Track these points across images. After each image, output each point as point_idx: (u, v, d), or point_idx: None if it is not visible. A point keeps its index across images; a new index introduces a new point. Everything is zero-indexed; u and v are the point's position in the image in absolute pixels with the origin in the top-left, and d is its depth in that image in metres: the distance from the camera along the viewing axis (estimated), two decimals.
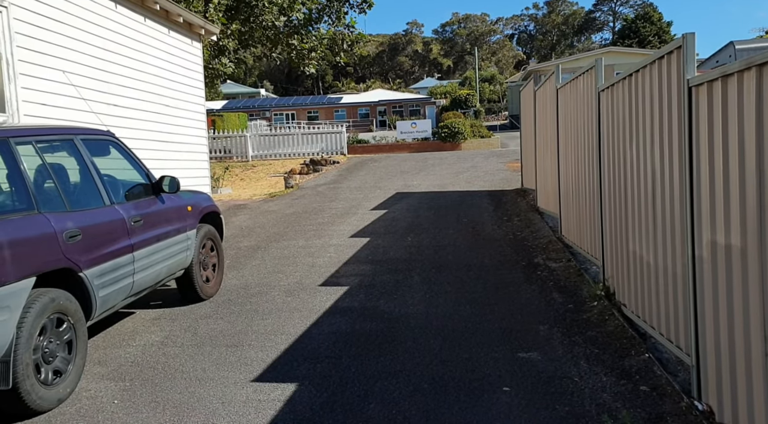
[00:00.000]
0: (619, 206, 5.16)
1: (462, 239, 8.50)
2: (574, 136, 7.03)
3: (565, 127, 7.58)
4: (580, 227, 6.94)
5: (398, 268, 7.06)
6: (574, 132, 6.99)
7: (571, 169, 7.26)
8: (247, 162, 20.90)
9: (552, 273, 6.58)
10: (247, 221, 10.64)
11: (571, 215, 7.42)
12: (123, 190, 5.24)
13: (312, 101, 65.77)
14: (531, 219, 9.52)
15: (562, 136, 7.81)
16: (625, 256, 5.05)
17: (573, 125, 7.04)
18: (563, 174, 7.78)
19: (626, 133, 4.92)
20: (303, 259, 7.69)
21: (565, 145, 7.59)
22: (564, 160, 7.68)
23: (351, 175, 16.39)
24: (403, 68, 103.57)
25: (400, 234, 8.92)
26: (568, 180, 7.50)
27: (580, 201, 6.84)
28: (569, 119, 7.28)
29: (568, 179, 7.49)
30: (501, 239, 8.34)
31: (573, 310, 5.37)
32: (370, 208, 11.23)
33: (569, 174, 7.38)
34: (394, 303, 5.77)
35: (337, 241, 8.63)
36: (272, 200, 13.02)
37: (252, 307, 5.84)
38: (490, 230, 9.00)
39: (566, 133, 7.50)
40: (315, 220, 10.36)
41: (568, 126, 7.37)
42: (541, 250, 7.64)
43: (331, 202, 12.13)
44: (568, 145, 7.35)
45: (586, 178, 6.48)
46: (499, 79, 75.11)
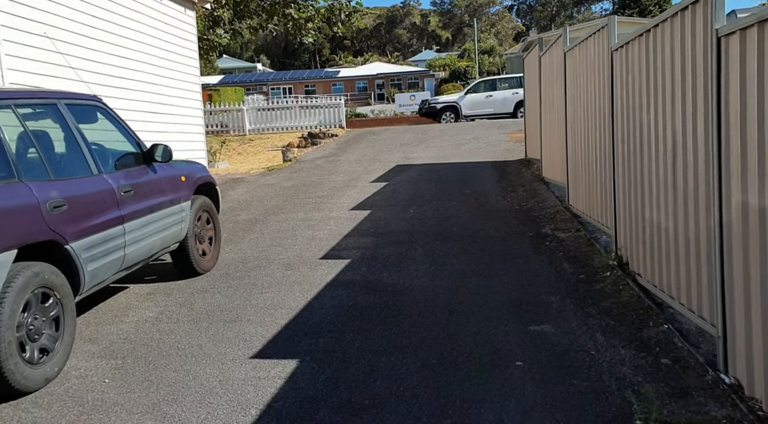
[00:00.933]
0: (635, 172, 4.90)
1: (466, 210, 8.25)
2: (584, 101, 6.74)
3: (573, 93, 7.28)
4: (589, 195, 6.69)
5: (401, 240, 6.83)
6: (584, 97, 6.69)
7: (580, 137, 6.98)
8: (244, 136, 20.54)
9: (561, 243, 6.35)
10: (244, 194, 10.38)
11: (579, 184, 7.17)
12: (112, 159, 4.98)
13: (309, 75, 64.97)
14: (536, 189, 9.27)
15: (570, 102, 7.51)
16: (640, 223, 4.81)
17: (583, 90, 6.74)
18: (571, 142, 7.50)
19: (643, 94, 4.64)
20: (302, 232, 7.46)
21: (573, 112, 7.30)
22: (572, 127, 7.40)
23: (350, 148, 16.09)
24: (401, 41, 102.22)
25: (402, 206, 8.67)
26: (576, 148, 7.22)
27: (590, 169, 6.57)
28: (579, 83, 6.98)
29: (576, 147, 7.22)
30: (506, 210, 8.10)
31: (585, 280, 5.16)
32: (370, 181, 10.97)
33: (578, 141, 7.10)
34: (398, 276, 5.55)
35: (337, 214, 8.39)
36: (270, 174, 12.74)
37: (250, 281, 5.62)
38: (494, 200, 8.75)
39: (575, 98, 7.20)
40: (314, 193, 10.10)
41: (577, 91, 7.07)
42: (549, 220, 7.40)
43: (330, 175, 11.86)
44: (578, 111, 7.06)
45: (597, 145, 6.21)
46: (499, 50, 74.12)
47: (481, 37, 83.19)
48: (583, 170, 6.94)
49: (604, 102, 5.83)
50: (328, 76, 63.40)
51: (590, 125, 6.47)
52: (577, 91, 7.06)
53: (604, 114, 5.83)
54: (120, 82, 9.13)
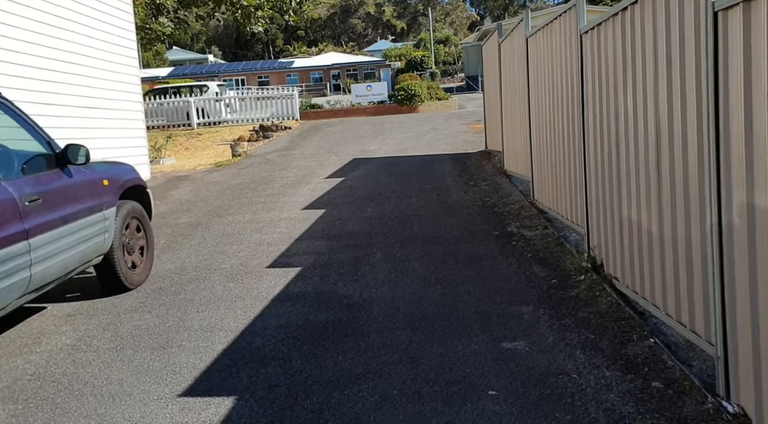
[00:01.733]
0: (609, 165, 4.47)
1: (427, 207, 7.75)
2: (549, 89, 6.29)
3: (537, 80, 6.83)
4: (556, 190, 6.26)
5: (358, 243, 6.28)
6: (550, 84, 6.25)
7: (545, 127, 6.55)
8: (192, 130, 19.59)
9: (528, 243, 5.91)
10: (188, 193, 9.64)
11: (545, 178, 6.74)
12: (16, 163, 4.26)
13: (262, 66, 63.57)
14: (499, 183, 8.84)
15: (533, 90, 7.07)
16: (618, 223, 4.38)
17: (548, 77, 6.30)
18: (536, 132, 7.07)
19: (619, 79, 4.19)
20: (249, 236, 6.82)
21: (537, 100, 6.86)
22: (537, 117, 6.96)
23: (304, 141, 15.42)
24: (355, 31, 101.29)
25: (359, 204, 8.11)
26: (541, 139, 6.79)
27: (557, 161, 6.14)
28: (543, 70, 6.53)
29: (541, 138, 6.79)
30: (469, 206, 7.63)
31: (557, 286, 4.71)
32: (325, 177, 10.37)
33: (543, 132, 6.67)
34: (354, 286, 4.99)
35: (288, 214, 7.77)
36: (218, 170, 11.99)
37: (187, 296, 4.98)
38: (456, 196, 8.27)
39: (539, 86, 6.76)
40: (264, 191, 9.44)
41: (541, 78, 6.63)
42: (514, 216, 6.97)
43: (282, 171, 11.19)
44: (542, 100, 6.62)
45: (565, 136, 5.78)
46: (454, 40, 74.14)
47: (436, 27, 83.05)
48: (548, 163, 6.51)
49: (572, 89, 5.39)
50: (282, 67, 62.12)
51: (557, 115, 6.03)
52: (542, 79, 6.62)
53: (573, 102, 5.39)
54: (38, 73, 8.26)
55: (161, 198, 9.11)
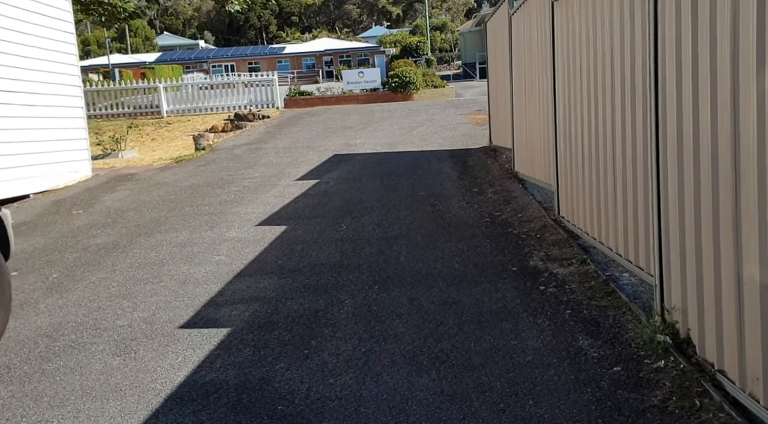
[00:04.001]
0: (714, 182, 2.68)
1: (419, 224, 5.95)
2: (589, 70, 4.49)
3: (569, 58, 5.03)
4: (599, 208, 4.47)
5: (321, 284, 4.48)
6: (591, 62, 4.45)
7: (582, 120, 4.74)
8: (161, 118, 17.67)
9: (563, 288, 4.13)
10: (122, 200, 7.80)
11: (579, 189, 4.94)
12: None
13: (253, 52, 61.50)
14: (510, 190, 7.05)
15: (562, 71, 5.27)
16: (725, 280, 2.60)
17: (588, 52, 4.49)
18: (564, 127, 5.27)
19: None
20: (175, 267, 5.01)
21: (569, 85, 5.06)
22: (567, 107, 5.16)
23: (281, 132, 13.56)
24: (350, 17, 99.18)
25: (332, 218, 6.31)
26: (574, 136, 4.99)
27: (601, 168, 4.34)
28: (578, 45, 4.73)
29: (574, 134, 4.98)
30: (474, 224, 5.84)
31: (625, 382, 2.92)
32: (297, 178, 8.55)
33: (577, 127, 4.87)
34: (303, 371, 3.20)
35: (237, 232, 5.96)
36: (174, 167, 10.15)
37: (38, 387, 3.17)
38: (457, 208, 6.47)
39: (572, 66, 4.96)
40: (217, 196, 7.61)
41: (575, 55, 4.82)
42: (535, 241, 5.18)
43: (246, 170, 9.36)
44: (576, 85, 4.81)
45: (618, 133, 3.98)
46: (451, 27, 72.19)
47: (433, 13, 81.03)
48: (585, 170, 4.72)
49: (634, 66, 3.59)
50: (273, 53, 60.07)
51: (604, 105, 4.23)
52: (576, 57, 4.81)
53: (636, 87, 3.60)
54: None
55: (87, 206, 7.29)
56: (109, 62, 43.84)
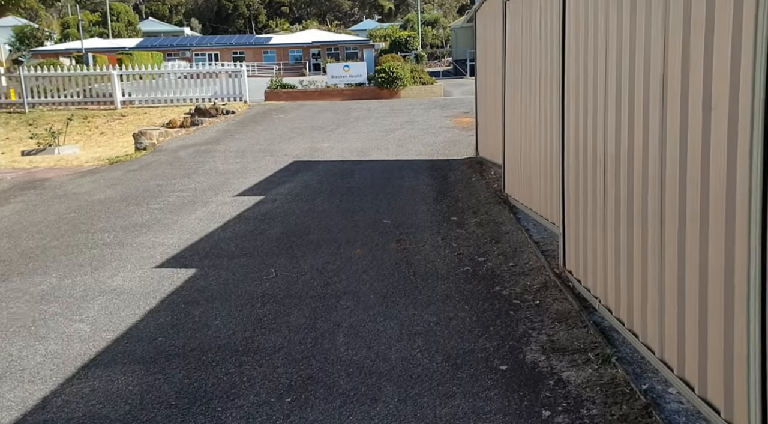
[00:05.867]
0: None
1: (375, 273, 4.39)
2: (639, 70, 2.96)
3: (589, 52, 3.50)
4: (630, 274, 2.94)
5: (205, 389, 2.91)
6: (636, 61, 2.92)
7: (605, 134, 3.21)
8: (114, 110, 15.95)
9: (578, 414, 2.60)
10: (5, 218, 6.15)
11: (597, 237, 3.41)
12: None
13: (238, 41, 59.68)
14: (499, 221, 5.51)
15: (573, 69, 3.74)
16: None
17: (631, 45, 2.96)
18: (576, 145, 3.73)
19: None
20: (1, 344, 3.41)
21: (587, 87, 3.52)
22: (581, 118, 3.62)
23: (241, 131, 11.94)
24: (342, 10, 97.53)
25: (262, 258, 4.73)
26: (589, 157, 3.45)
27: (649, 206, 2.82)
28: (602, 34, 3.19)
29: (589, 155, 3.45)
30: (449, 276, 4.28)
31: None
32: (238, 193, 6.96)
33: (597, 146, 3.33)
34: None
35: (125, 279, 4.36)
36: (101, 171, 8.51)
37: None
38: (429, 247, 4.91)
39: (593, 62, 3.42)
40: (128, 217, 6.01)
41: (597, 48, 3.29)
42: (533, 311, 3.64)
43: (182, 179, 7.75)
44: (599, 87, 3.28)
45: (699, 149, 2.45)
46: (443, 22, 70.79)
47: (425, 9, 79.59)
48: (609, 211, 3.19)
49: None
50: (259, 43, 58.30)
51: (643, 115, 2.71)
52: (605, 56, 3.28)
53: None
54: None
55: None
56: (83, 46, 41.78)
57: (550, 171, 4.70)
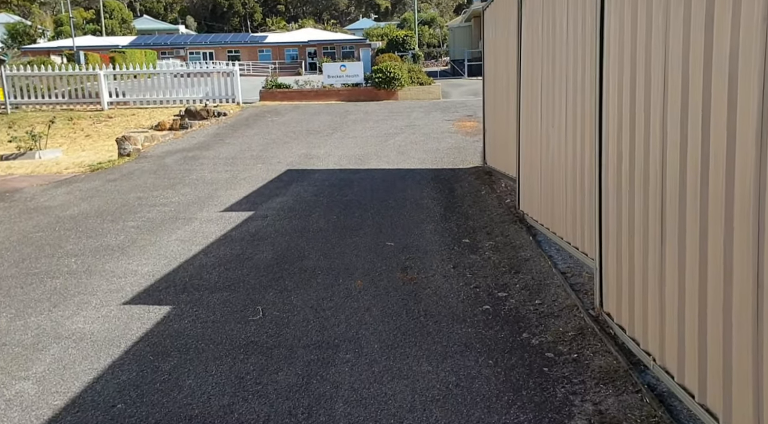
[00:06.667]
0: None
1: (379, 312, 3.77)
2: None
3: (634, 59, 2.89)
4: (702, 334, 2.34)
5: None
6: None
7: (659, 148, 2.60)
8: (101, 111, 15.26)
9: None
10: None
11: (651, 279, 2.80)
12: None
13: (233, 40, 58.98)
14: (516, 245, 4.90)
15: (615, 71, 3.13)
16: None
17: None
18: (618, 162, 3.12)
19: None
20: None
21: (632, 94, 2.91)
22: (624, 129, 3.01)
23: (232, 135, 11.30)
24: (338, 8, 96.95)
25: (248, 292, 4.11)
26: (636, 176, 2.85)
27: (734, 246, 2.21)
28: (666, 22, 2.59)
29: (636, 176, 2.84)
30: (466, 317, 3.66)
31: None
32: (225, 207, 6.33)
33: (646, 165, 2.72)
34: None
35: (86, 319, 3.73)
36: (80, 179, 7.87)
37: None
38: (440, 278, 4.30)
39: (646, 69, 2.82)
40: (101, 237, 5.37)
41: (664, 40, 2.68)
42: (571, 368, 3.03)
43: (165, 191, 7.11)
44: (657, 93, 2.67)
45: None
46: (440, 22, 70.25)
47: (422, 8, 79.10)
48: (671, 247, 2.58)
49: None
50: (255, 42, 57.62)
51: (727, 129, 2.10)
52: (664, 59, 2.68)
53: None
54: None
55: None
56: (74, 44, 40.96)
57: (581, 189, 4.09)
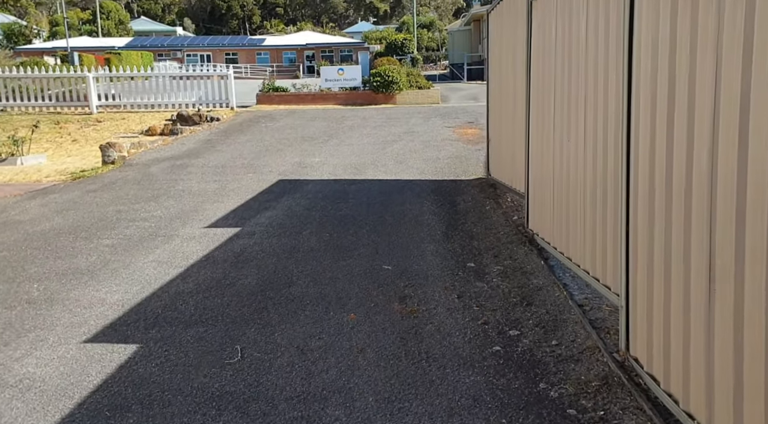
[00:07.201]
0: None
1: (374, 356, 3.31)
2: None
3: (670, 66, 2.44)
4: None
5: None
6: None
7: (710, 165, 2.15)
8: (89, 115, 14.79)
9: None
10: None
11: (681, 316, 2.35)
12: None
13: (231, 42, 58.64)
14: (527, 271, 4.44)
15: (647, 78, 2.68)
16: None
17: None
18: (649, 184, 2.67)
19: None
20: None
21: (668, 104, 2.46)
22: (657, 145, 2.56)
23: (224, 142, 10.84)
24: (337, 11, 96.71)
25: (225, 327, 3.64)
26: (673, 204, 2.39)
27: None
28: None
29: (673, 205, 2.39)
30: (474, 362, 3.20)
31: None
32: (210, 223, 5.86)
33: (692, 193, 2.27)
34: None
35: (38, 363, 3.24)
36: (59, 189, 7.40)
37: None
38: (443, 311, 3.83)
39: (689, 75, 2.37)
40: (72, 258, 4.90)
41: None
42: None
43: (148, 203, 6.65)
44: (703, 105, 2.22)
45: None
46: (439, 25, 70.01)
47: (420, 11, 78.89)
48: (715, 277, 2.13)
49: None
50: (252, 44, 57.27)
51: None
52: (719, 65, 2.23)
53: None
54: None
55: None
56: (68, 45, 40.45)
57: (602, 211, 3.65)
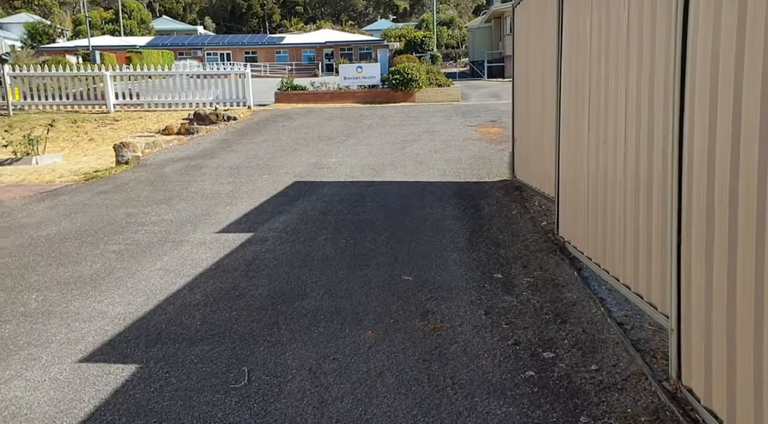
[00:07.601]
0: None
1: (394, 382, 3.00)
2: None
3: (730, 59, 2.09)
4: None
5: None
6: None
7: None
8: (107, 114, 14.68)
9: None
10: None
11: (745, 345, 2.01)
12: None
13: (251, 41, 58.73)
14: (558, 282, 4.10)
15: (706, 83, 2.33)
16: None
17: None
18: (706, 196, 2.32)
19: None
20: None
21: (735, 102, 2.11)
22: (715, 151, 2.21)
23: (240, 141, 10.61)
24: (356, 9, 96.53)
25: (233, 345, 3.36)
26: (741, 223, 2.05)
27: None
28: None
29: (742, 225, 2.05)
30: (506, 390, 2.87)
31: None
32: (221, 228, 5.60)
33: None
34: None
35: (22, 388, 2.97)
36: (69, 191, 7.21)
37: None
38: (469, 329, 3.51)
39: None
40: (75, 265, 4.66)
41: None
42: None
43: (159, 205, 6.41)
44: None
45: None
46: (459, 23, 69.48)
47: (440, 8, 78.36)
48: None
49: None
50: (272, 43, 57.30)
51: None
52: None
53: None
54: None
55: None
56: (89, 44, 40.70)
57: (647, 220, 3.30)
